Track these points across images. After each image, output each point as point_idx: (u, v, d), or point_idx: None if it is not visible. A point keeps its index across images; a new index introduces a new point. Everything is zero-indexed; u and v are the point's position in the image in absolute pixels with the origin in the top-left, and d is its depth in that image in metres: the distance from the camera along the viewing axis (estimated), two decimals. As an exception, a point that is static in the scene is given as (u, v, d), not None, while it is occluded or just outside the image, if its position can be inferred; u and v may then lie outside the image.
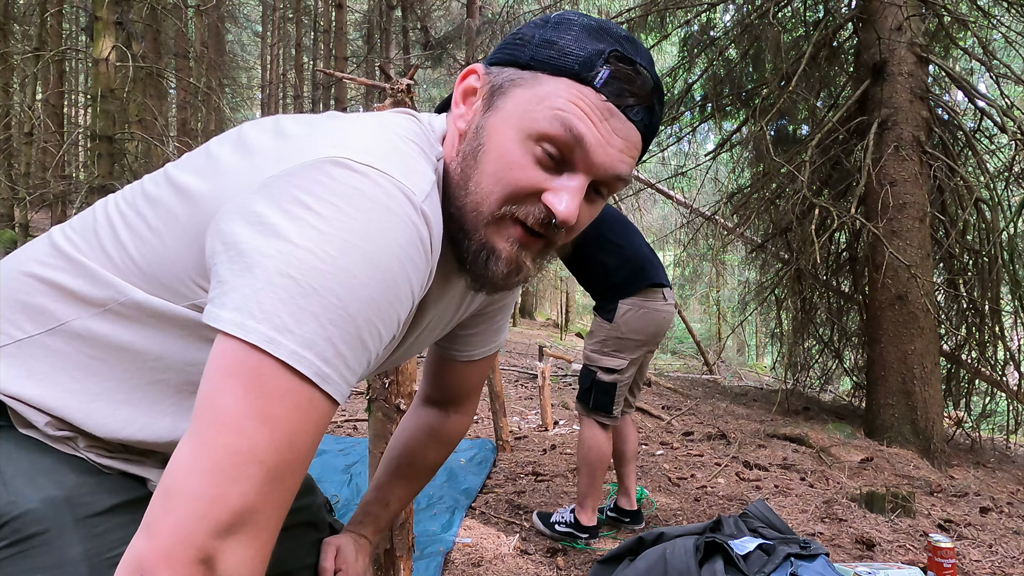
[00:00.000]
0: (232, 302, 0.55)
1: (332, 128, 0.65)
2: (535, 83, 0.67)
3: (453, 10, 13.05)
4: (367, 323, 0.57)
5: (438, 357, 1.02)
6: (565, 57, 0.66)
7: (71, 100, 17.12)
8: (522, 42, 0.69)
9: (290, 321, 0.54)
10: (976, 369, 5.82)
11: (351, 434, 4.19)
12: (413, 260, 0.60)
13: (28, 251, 0.74)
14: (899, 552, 2.72)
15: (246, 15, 20.98)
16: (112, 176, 5.76)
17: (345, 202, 0.57)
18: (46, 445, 0.69)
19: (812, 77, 6.30)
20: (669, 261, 12.23)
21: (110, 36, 5.68)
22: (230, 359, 0.54)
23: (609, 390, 2.56)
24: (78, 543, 0.66)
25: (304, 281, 0.54)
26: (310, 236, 0.55)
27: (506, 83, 0.68)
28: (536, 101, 0.66)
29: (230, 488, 0.51)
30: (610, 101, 0.66)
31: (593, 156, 0.66)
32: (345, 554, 0.96)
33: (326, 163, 0.58)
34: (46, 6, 9.11)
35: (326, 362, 0.55)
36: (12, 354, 0.68)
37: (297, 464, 0.55)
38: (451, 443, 1.07)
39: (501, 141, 0.67)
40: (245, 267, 0.55)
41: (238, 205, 0.60)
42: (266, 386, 0.53)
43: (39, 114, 9.41)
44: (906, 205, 5.08)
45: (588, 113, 0.65)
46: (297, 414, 0.54)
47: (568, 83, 0.66)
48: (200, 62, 12.34)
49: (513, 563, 2.42)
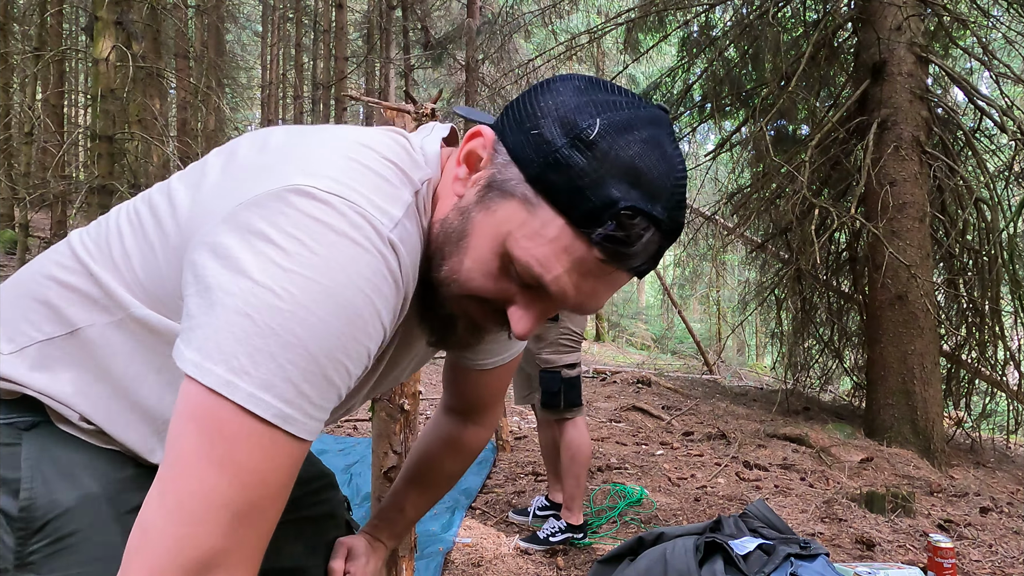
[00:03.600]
0: (195, 340, 0.55)
1: (306, 149, 0.63)
2: (532, 208, 0.60)
3: (453, 10, 13.05)
4: (330, 360, 0.56)
5: (452, 365, 1.00)
6: (573, 195, 0.58)
7: (71, 100, 17.12)
8: (535, 138, 0.60)
9: (247, 363, 0.53)
10: (976, 369, 5.82)
11: (351, 434, 4.19)
12: (380, 291, 0.58)
13: (50, 254, 0.75)
14: (899, 552, 2.72)
15: (246, 15, 20.98)
16: (112, 176, 5.76)
17: (307, 235, 0.55)
18: (83, 440, 0.70)
19: (812, 77, 6.30)
20: (669, 261, 12.22)
21: (110, 36, 5.68)
22: (191, 401, 0.54)
23: (576, 383, 2.65)
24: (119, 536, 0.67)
25: (261, 320, 0.53)
26: (270, 272, 0.54)
27: (507, 187, 0.62)
28: (524, 232, 0.61)
29: (196, 530, 0.52)
30: (606, 262, 0.60)
31: (563, 304, 0.64)
32: (356, 555, 0.96)
33: (291, 192, 0.57)
34: (46, 6, 9.11)
35: (287, 403, 0.54)
36: (33, 355, 0.70)
37: (267, 503, 0.56)
38: (468, 454, 1.05)
39: (483, 245, 0.63)
40: (209, 304, 0.55)
41: (208, 235, 0.59)
42: (224, 430, 0.53)
43: (39, 114, 9.41)
44: (906, 205, 5.08)
45: (570, 270, 0.60)
46: (259, 456, 0.54)
47: (563, 228, 0.59)
48: (200, 62, 12.34)
49: (513, 563, 2.42)
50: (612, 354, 13.11)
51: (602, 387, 6.69)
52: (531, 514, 2.85)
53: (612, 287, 0.64)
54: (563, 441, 2.62)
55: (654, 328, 18.84)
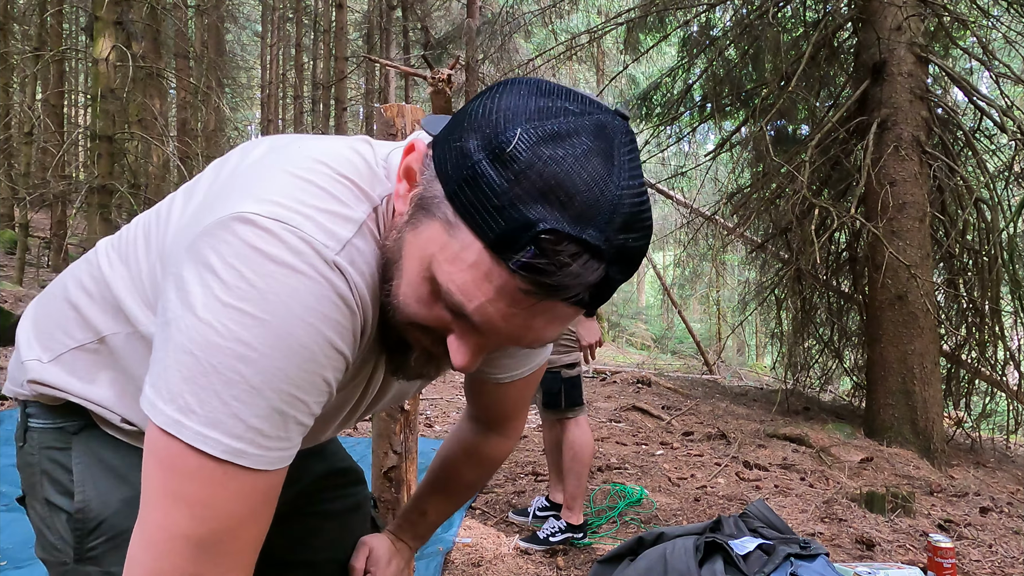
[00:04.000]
0: (151, 376, 0.56)
1: (263, 170, 0.62)
2: (451, 230, 0.54)
3: (453, 10, 13.05)
4: (278, 394, 0.54)
5: (472, 376, 0.95)
6: (486, 216, 0.51)
7: (71, 100, 17.12)
8: (459, 153, 0.53)
9: (192, 401, 0.53)
10: (976, 369, 5.82)
11: (351, 434, 4.19)
12: (328, 318, 0.56)
13: (82, 263, 0.78)
14: (899, 552, 2.72)
15: (246, 15, 20.98)
16: (112, 176, 5.77)
17: (246, 266, 0.54)
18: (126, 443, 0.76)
19: (812, 77, 6.30)
20: (669, 261, 12.22)
21: (110, 36, 5.69)
22: (151, 438, 0.56)
23: (577, 383, 2.67)
24: None
25: (203, 358, 0.53)
26: (211, 307, 0.53)
27: (431, 206, 0.56)
28: (445, 255, 0.54)
29: (164, 562, 0.55)
30: (529, 293, 0.52)
31: (493, 337, 0.57)
32: (377, 556, 0.95)
33: (233, 220, 0.56)
34: (46, 6, 9.11)
35: (237, 438, 0.54)
36: (69, 361, 0.74)
37: (233, 531, 0.57)
38: (490, 464, 1.03)
39: (412, 268, 0.58)
40: (164, 339, 0.56)
41: (175, 264, 0.59)
42: (177, 466, 0.55)
43: (39, 114, 9.41)
44: (906, 205, 5.08)
45: (497, 298, 0.53)
46: (214, 490, 0.55)
47: (480, 253, 0.52)
48: (200, 62, 12.34)
49: (513, 563, 2.43)
50: (612, 354, 13.11)
51: (602, 387, 6.69)
52: (531, 514, 2.85)
53: (554, 320, 0.56)
54: (565, 440, 2.63)
55: (654, 328, 18.84)
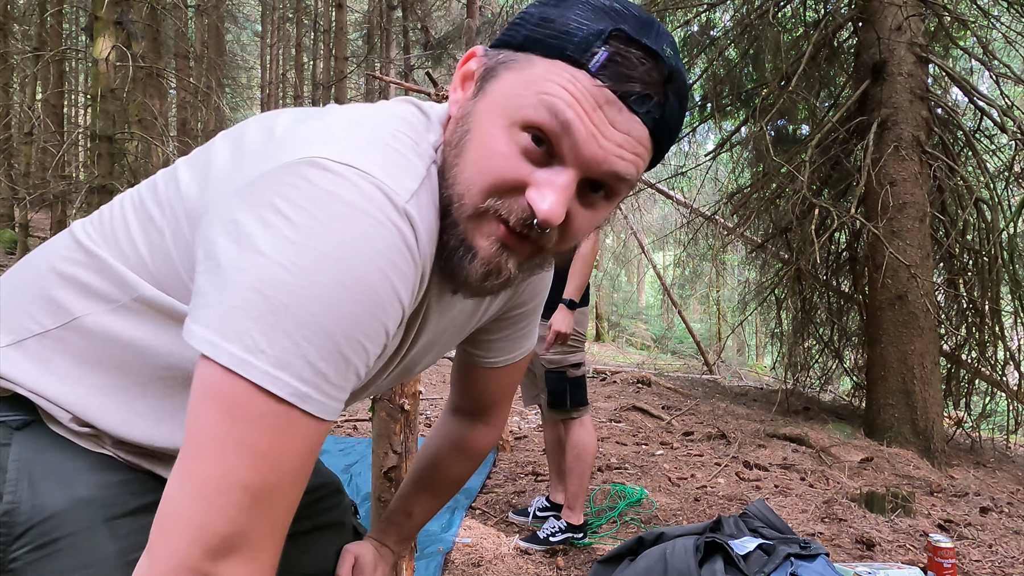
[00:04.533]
0: (205, 318, 0.53)
1: (317, 123, 0.61)
2: (527, 65, 0.60)
3: (453, 10, 13.05)
4: (347, 338, 0.54)
5: (462, 363, 0.97)
6: (561, 36, 0.59)
7: (71, 100, 17.12)
8: (521, 21, 0.62)
9: (262, 340, 0.51)
10: (976, 369, 5.82)
11: (351, 434, 4.19)
12: (396, 266, 0.56)
13: (51, 245, 0.74)
14: (899, 552, 2.72)
15: (246, 15, 20.98)
16: (112, 176, 5.77)
17: (319, 208, 0.53)
18: (73, 443, 0.69)
19: (812, 77, 6.30)
20: (669, 261, 12.22)
21: (110, 36, 5.68)
22: (206, 381, 0.53)
23: (581, 383, 2.67)
24: (110, 543, 0.66)
25: (275, 298, 0.51)
26: (282, 248, 0.52)
27: (498, 65, 0.62)
28: (524, 85, 0.59)
29: (215, 514, 0.51)
30: (607, 87, 0.58)
31: (583, 148, 0.59)
32: (363, 563, 0.94)
33: (303, 164, 0.55)
34: (46, 6, 9.12)
35: (304, 381, 0.53)
36: (32, 348, 0.68)
37: (287, 484, 0.54)
38: (477, 455, 1.03)
39: (485, 128, 0.61)
40: (220, 281, 0.53)
41: (221, 210, 0.57)
42: (240, 409, 0.52)
43: (39, 114, 9.41)
44: (906, 205, 5.08)
45: (579, 99, 0.58)
46: (276, 436, 0.53)
47: (561, 65, 0.58)
48: (200, 62, 12.34)
49: (513, 563, 2.42)
50: (612, 354, 13.11)
51: (602, 387, 6.69)
52: (531, 514, 2.85)
53: (629, 139, 0.60)
54: (569, 440, 2.63)
55: (654, 328, 18.85)
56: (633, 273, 21.71)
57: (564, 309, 2.56)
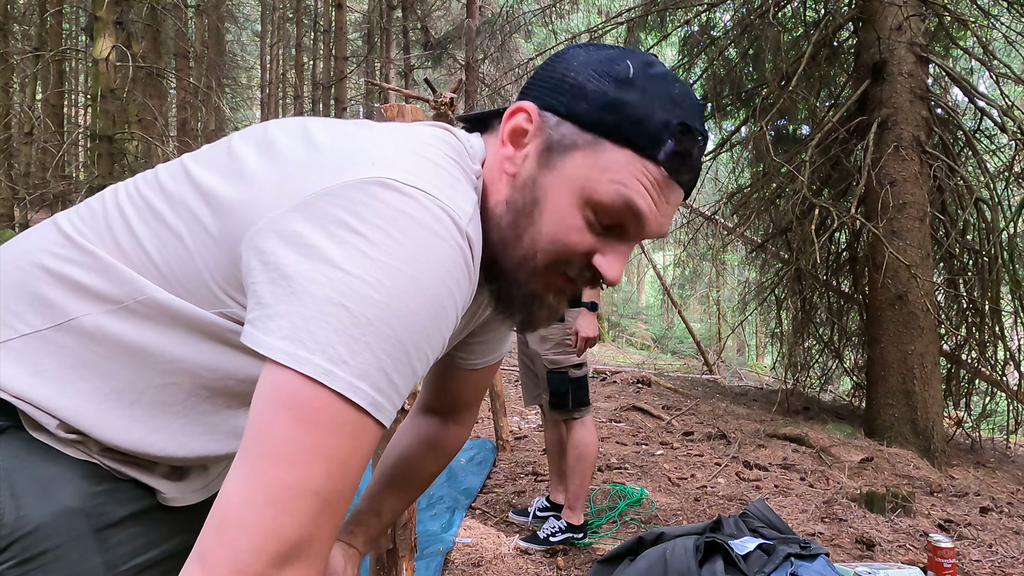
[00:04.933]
0: (280, 329, 0.54)
1: (370, 143, 0.63)
2: (597, 150, 0.66)
3: (453, 10, 13.05)
4: (417, 350, 0.57)
5: (442, 364, 0.99)
6: (632, 127, 0.64)
7: (71, 100, 17.12)
8: (580, 93, 0.66)
9: (345, 352, 0.53)
10: (976, 369, 5.82)
11: (351, 434, 4.19)
12: (459, 283, 0.60)
13: (33, 238, 0.70)
14: (899, 552, 2.72)
15: (246, 15, 20.97)
16: (112, 176, 5.77)
17: (393, 227, 0.56)
18: (57, 450, 0.66)
19: (812, 77, 6.30)
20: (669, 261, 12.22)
21: (110, 36, 5.69)
22: (283, 390, 0.53)
23: (583, 383, 2.66)
24: (96, 554, 0.65)
25: (357, 311, 0.53)
26: (359, 262, 0.54)
27: (566, 143, 0.67)
28: (598, 171, 0.65)
29: (286, 520, 0.52)
30: (670, 176, 0.66)
31: (647, 228, 0.67)
32: (334, 565, 0.92)
33: (372, 184, 0.57)
34: (46, 6, 9.12)
35: (380, 392, 0.55)
36: (17, 350, 0.65)
37: (349, 491, 0.56)
38: (448, 454, 1.05)
39: (559, 203, 0.67)
40: (291, 291, 0.54)
41: (275, 222, 0.58)
42: (320, 418, 0.53)
43: (39, 114, 9.41)
44: (906, 205, 5.08)
45: (649, 189, 0.65)
46: (351, 444, 0.55)
47: (631, 156, 0.65)
48: (200, 62, 12.35)
49: (513, 563, 2.43)
50: (612, 354, 13.11)
51: (602, 387, 6.69)
52: (531, 514, 2.85)
53: (673, 206, 0.69)
54: (571, 440, 2.63)
55: (654, 328, 18.84)
56: (633, 273, 21.72)
57: (587, 313, 2.57)
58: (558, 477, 2.88)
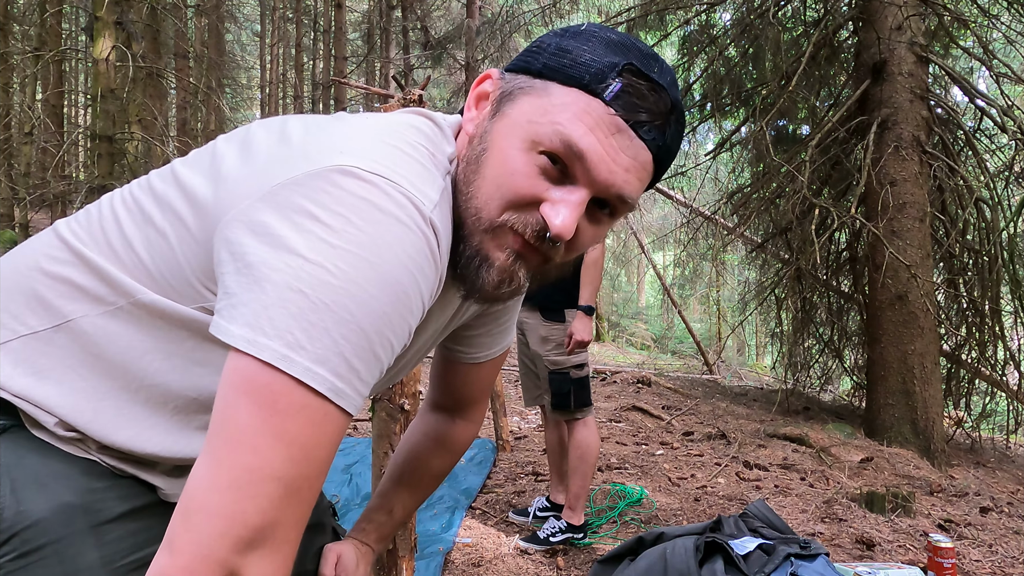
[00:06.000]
0: (242, 317, 0.55)
1: (338, 133, 0.64)
2: (544, 92, 0.65)
3: (453, 10, 13.05)
4: (379, 336, 0.57)
5: (443, 359, 0.99)
6: (577, 67, 0.64)
7: (71, 100, 17.11)
8: (538, 49, 0.68)
9: (302, 337, 0.54)
10: (976, 369, 5.82)
11: (351, 434, 4.19)
12: (423, 270, 0.59)
13: (34, 244, 0.72)
14: (899, 552, 2.72)
15: (246, 15, 20.96)
16: (112, 176, 5.77)
17: (354, 213, 0.56)
18: (57, 448, 0.67)
19: (812, 77, 6.30)
20: (669, 261, 12.22)
21: (110, 36, 5.68)
22: (243, 376, 0.54)
23: (585, 383, 2.66)
24: (94, 550, 0.65)
25: (315, 296, 0.54)
26: (320, 249, 0.55)
27: (515, 90, 0.67)
28: (542, 111, 0.64)
29: (248, 505, 0.52)
30: (619, 116, 0.63)
31: (595, 172, 0.64)
32: (346, 562, 0.94)
33: (333, 172, 0.57)
34: (46, 6, 9.12)
35: (339, 377, 0.55)
36: (17, 350, 0.67)
37: (314, 477, 0.56)
38: (456, 451, 1.05)
39: (504, 147, 0.65)
40: (253, 280, 0.55)
41: (243, 213, 0.59)
42: (279, 403, 0.53)
43: (39, 114, 9.41)
44: (906, 205, 5.08)
45: (593, 127, 0.63)
46: (312, 429, 0.55)
47: (577, 94, 0.64)
48: (200, 62, 12.34)
49: (513, 563, 2.42)
50: (612, 354, 13.11)
51: (602, 387, 6.69)
52: (531, 514, 2.85)
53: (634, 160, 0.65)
54: (573, 440, 2.63)
55: (654, 328, 18.84)
56: (633, 273, 21.71)
57: (583, 316, 2.57)
58: (558, 477, 2.88)
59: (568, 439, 2.67)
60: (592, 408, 2.69)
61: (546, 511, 2.84)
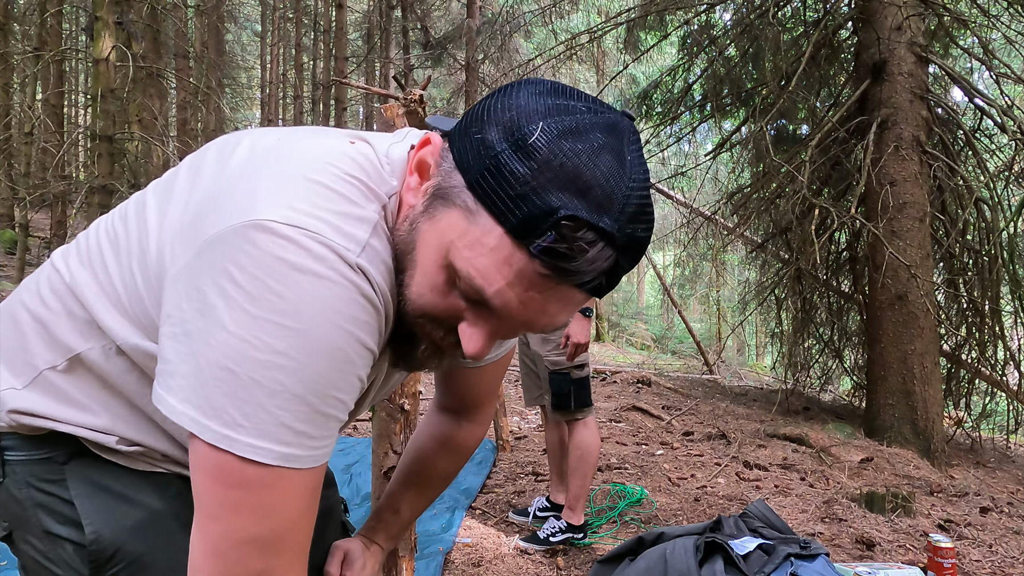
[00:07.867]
0: (181, 391, 0.56)
1: (266, 172, 0.60)
2: (472, 216, 0.56)
3: (453, 10, 13.04)
4: (320, 397, 0.56)
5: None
6: (508, 203, 0.54)
7: (71, 100, 17.12)
8: (480, 144, 0.56)
9: (238, 415, 0.54)
10: (976, 369, 5.81)
11: (351, 434, 4.19)
12: (357, 319, 0.57)
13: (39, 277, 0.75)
14: (899, 552, 2.72)
15: (246, 15, 20.96)
16: (112, 176, 5.77)
17: (271, 277, 0.54)
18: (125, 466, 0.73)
19: (812, 77, 6.30)
20: (669, 261, 12.22)
21: (110, 36, 5.69)
22: (197, 454, 0.56)
23: (586, 383, 2.65)
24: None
25: (243, 373, 0.54)
26: (242, 322, 0.54)
27: (450, 195, 0.58)
28: (465, 240, 0.57)
29: (232, 567, 0.57)
30: (547, 276, 0.55)
31: (510, 320, 0.59)
32: (352, 559, 0.95)
33: (249, 228, 0.55)
34: (46, 6, 9.12)
35: (286, 444, 0.56)
36: (46, 385, 0.70)
37: (294, 525, 0.59)
38: (463, 453, 1.05)
39: (427, 258, 0.61)
40: (188, 352, 0.56)
41: (184, 273, 0.58)
42: (232, 479, 0.56)
43: (39, 114, 9.41)
44: (906, 205, 5.08)
45: (513, 282, 0.56)
46: (271, 494, 0.57)
47: (501, 238, 0.55)
48: (200, 62, 12.34)
49: (513, 563, 2.42)
50: (612, 354, 13.11)
51: (602, 387, 6.69)
52: (531, 514, 2.85)
53: (567, 305, 0.59)
54: (573, 441, 2.63)
55: (654, 328, 18.83)
56: (633, 273, 21.69)
57: (580, 318, 2.56)
58: (558, 477, 2.88)
59: (568, 439, 2.67)
60: (592, 408, 2.69)
61: (546, 511, 2.84)
